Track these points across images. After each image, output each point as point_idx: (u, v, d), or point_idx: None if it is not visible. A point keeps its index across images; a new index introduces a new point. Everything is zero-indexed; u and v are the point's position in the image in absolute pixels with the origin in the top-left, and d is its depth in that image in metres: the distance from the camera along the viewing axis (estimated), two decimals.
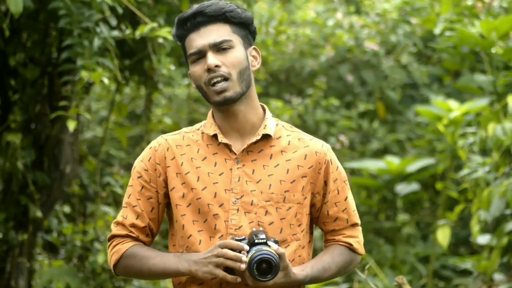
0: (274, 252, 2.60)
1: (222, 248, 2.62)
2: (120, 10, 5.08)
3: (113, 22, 5.18)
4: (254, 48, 2.80)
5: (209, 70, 2.69)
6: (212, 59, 2.69)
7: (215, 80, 2.70)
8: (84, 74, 4.80)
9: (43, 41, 5.60)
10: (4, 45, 5.40)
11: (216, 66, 2.69)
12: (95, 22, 4.84)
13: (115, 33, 5.04)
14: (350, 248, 2.83)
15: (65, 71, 5.26)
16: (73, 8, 4.79)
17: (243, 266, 2.59)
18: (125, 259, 2.77)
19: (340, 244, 2.83)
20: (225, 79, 2.70)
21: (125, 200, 2.82)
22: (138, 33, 5.12)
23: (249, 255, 2.59)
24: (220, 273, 2.62)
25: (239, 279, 2.62)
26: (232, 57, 2.71)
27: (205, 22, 2.72)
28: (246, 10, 2.77)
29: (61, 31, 5.23)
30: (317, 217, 2.84)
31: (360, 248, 2.85)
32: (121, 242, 2.79)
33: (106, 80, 5.01)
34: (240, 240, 2.63)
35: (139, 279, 2.84)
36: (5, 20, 4.83)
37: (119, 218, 2.80)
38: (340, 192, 2.82)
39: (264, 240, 2.61)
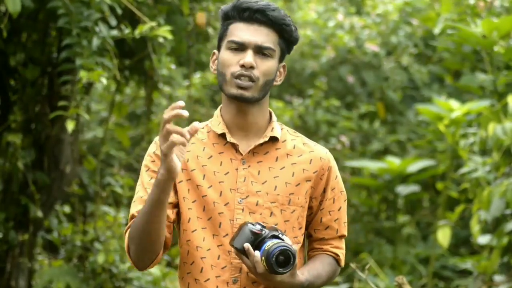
0: (291, 245, 2.63)
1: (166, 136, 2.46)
2: (119, 10, 5.07)
3: (113, 22, 5.17)
4: (283, 65, 2.84)
5: (243, 66, 2.71)
6: (251, 59, 2.71)
7: (243, 77, 2.71)
8: (83, 73, 4.80)
9: (43, 41, 5.59)
10: (4, 45, 5.39)
11: (251, 67, 2.71)
12: (94, 22, 4.84)
13: (114, 32, 5.03)
14: (336, 259, 2.87)
15: (64, 70, 5.26)
16: (72, 8, 4.78)
17: (188, 136, 2.48)
18: (129, 234, 2.68)
19: (328, 254, 2.86)
20: (252, 80, 2.72)
21: (134, 198, 2.77)
22: (137, 32, 5.11)
23: (265, 248, 2.61)
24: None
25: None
26: (267, 66, 2.74)
27: (262, 22, 2.73)
28: (297, 30, 2.79)
29: (61, 31, 5.23)
30: (309, 222, 2.85)
31: (343, 261, 2.90)
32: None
33: (104, 80, 5.00)
34: (255, 232, 2.64)
35: (146, 245, 2.63)
36: (4, 19, 4.82)
37: (130, 213, 2.74)
38: (336, 202, 2.84)
39: (277, 233, 2.65)
